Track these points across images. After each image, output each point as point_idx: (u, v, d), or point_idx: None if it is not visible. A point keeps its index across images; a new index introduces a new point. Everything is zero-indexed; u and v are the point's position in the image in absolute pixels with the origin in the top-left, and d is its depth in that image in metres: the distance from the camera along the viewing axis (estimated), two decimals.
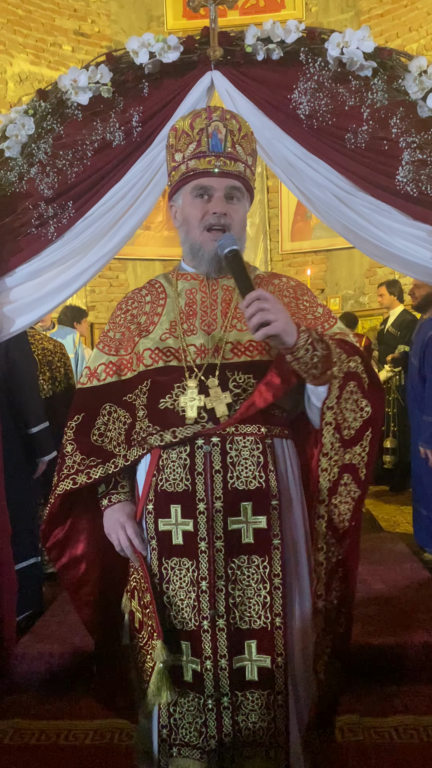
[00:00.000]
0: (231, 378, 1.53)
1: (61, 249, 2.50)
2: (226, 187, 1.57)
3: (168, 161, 1.69)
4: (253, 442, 1.50)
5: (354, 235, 2.50)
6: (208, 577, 1.46)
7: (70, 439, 1.61)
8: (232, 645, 1.46)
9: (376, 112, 2.28)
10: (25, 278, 2.54)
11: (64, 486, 1.57)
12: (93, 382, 1.64)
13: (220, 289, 1.66)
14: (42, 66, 6.79)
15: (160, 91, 2.42)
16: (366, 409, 1.53)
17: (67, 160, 2.42)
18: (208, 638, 1.46)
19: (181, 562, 1.50)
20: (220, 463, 1.48)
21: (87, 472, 1.55)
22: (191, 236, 1.61)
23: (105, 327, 1.73)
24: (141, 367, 1.59)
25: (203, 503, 1.48)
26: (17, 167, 2.42)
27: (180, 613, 1.49)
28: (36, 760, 2.19)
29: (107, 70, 2.36)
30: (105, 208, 2.45)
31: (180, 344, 1.58)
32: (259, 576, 1.48)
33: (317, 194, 2.46)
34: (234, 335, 1.59)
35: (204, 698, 1.46)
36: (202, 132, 1.58)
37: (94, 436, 1.58)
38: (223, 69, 2.40)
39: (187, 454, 1.49)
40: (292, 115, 2.34)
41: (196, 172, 1.58)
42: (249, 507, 1.48)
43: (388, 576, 3.39)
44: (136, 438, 1.55)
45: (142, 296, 1.72)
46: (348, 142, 2.31)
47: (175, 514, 1.50)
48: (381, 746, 2.20)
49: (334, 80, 2.29)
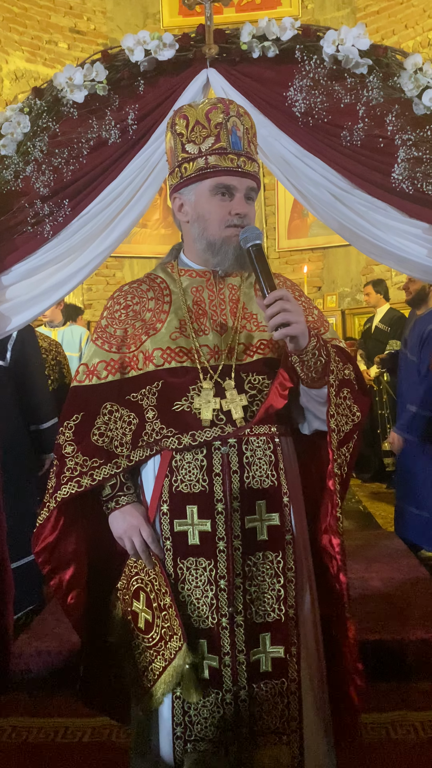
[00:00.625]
0: (246, 379, 1.54)
1: (57, 247, 2.50)
2: (246, 187, 1.56)
3: (174, 150, 1.60)
4: (266, 441, 1.53)
5: (350, 232, 2.50)
6: (227, 575, 1.47)
7: (70, 439, 1.55)
8: (248, 639, 1.48)
9: (372, 110, 2.28)
10: (21, 276, 2.54)
11: (69, 489, 1.51)
12: (93, 380, 1.58)
13: (227, 288, 1.65)
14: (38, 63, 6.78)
15: (156, 88, 2.41)
16: (357, 413, 1.58)
17: (62, 158, 2.41)
18: (226, 635, 1.47)
19: (198, 562, 1.50)
20: (237, 464, 1.49)
21: (90, 474, 1.50)
22: (209, 233, 1.55)
23: (101, 322, 1.66)
24: (150, 366, 1.55)
25: (221, 503, 1.49)
26: (13, 165, 2.41)
27: (196, 611, 1.49)
28: (34, 757, 2.20)
29: (103, 68, 2.36)
30: (101, 206, 2.45)
31: (192, 344, 1.56)
32: (273, 571, 1.51)
33: (313, 192, 2.46)
34: (245, 336, 1.60)
35: (222, 693, 1.47)
36: (221, 127, 1.54)
37: (95, 436, 1.53)
38: (219, 66, 2.40)
39: (203, 455, 1.49)
40: (288, 113, 2.34)
41: (217, 170, 1.53)
42: (263, 505, 1.51)
43: (384, 573, 3.40)
44: (147, 440, 1.51)
45: (143, 291, 1.66)
46: (344, 139, 2.31)
47: (191, 515, 1.50)
48: (377, 742, 2.21)
49: (329, 78, 2.29)
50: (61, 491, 1.52)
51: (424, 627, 2.75)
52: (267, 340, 1.61)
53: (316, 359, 1.47)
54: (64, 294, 2.66)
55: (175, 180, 1.61)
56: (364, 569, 3.46)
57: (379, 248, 2.47)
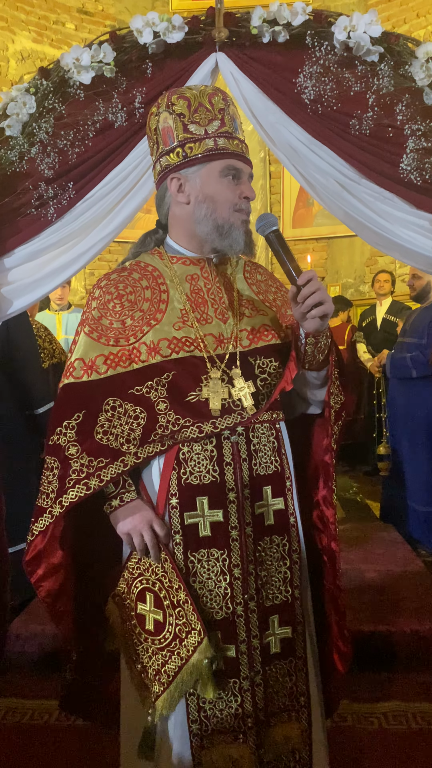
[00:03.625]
0: (255, 364, 1.55)
1: (61, 230, 2.48)
2: (248, 173, 1.58)
3: (174, 130, 1.55)
4: (269, 428, 1.55)
5: (356, 222, 2.48)
6: (241, 563, 1.48)
7: (73, 440, 1.47)
8: (260, 624, 1.50)
9: (382, 99, 2.25)
10: (24, 259, 2.52)
11: (77, 493, 1.43)
12: (92, 376, 1.51)
13: (221, 275, 1.64)
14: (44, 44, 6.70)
15: (164, 72, 2.38)
16: (342, 395, 1.65)
17: (68, 140, 2.38)
18: (242, 622, 1.48)
19: (210, 553, 1.48)
20: (246, 452, 1.50)
21: (98, 475, 1.44)
22: (219, 214, 1.52)
23: (92, 313, 1.57)
24: (157, 357, 1.50)
25: (233, 492, 1.48)
26: (17, 146, 2.39)
27: (209, 603, 1.48)
28: (28, 739, 2.22)
29: (110, 49, 2.33)
30: (105, 190, 2.43)
31: (196, 333, 1.54)
32: (279, 554, 1.54)
33: (320, 180, 2.44)
34: (246, 322, 1.60)
35: (240, 681, 1.48)
36: (223, 112, 1.55)
37: (98, 434, 1.46)
38: (228, 51, 2.36)
39: (213, 445, 1.48)
40: (297, 100, 2.31)
41: (227, 152, 1.53)
42: (269, 490, 1.53)
43: (380, 564, 3.42)
44: (161, 432, 1.46)
45: (136, 280, 1.60)
46: (352, 128, 2.28)
47: (202, 506, 1.48)
48: (370, 732, 2.23)
49: (340, 65, 2.26)
50: (68, 495, 1.44)
51: (418, 619, 2.77)
52: (269, 325, 1.62)
53: (327, 339, 1.52)
54: (67, 278, 2.65)
55: (176, 159, 1.55)
56: (361, 560, 3.47)
57: (384, 239, 2.46)
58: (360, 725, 2.26)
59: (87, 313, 1.59)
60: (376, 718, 2.31)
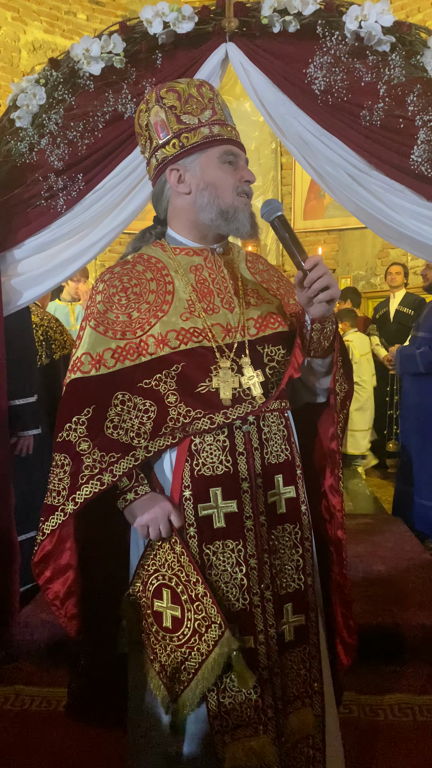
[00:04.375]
0: (264, 353, 1.55)
1: (71, 222, 2.49)
2: (245, 158, 1.59)
3: (166, 122, 1.55)
4: (278, 416, 1.55)
5: (366, 214, 2.47)
6: (256, 553, 1.48)
7: (84, 435, 1.45)
8: (276, 612, 1.50)
9: (393, 89, 2.24)
10: (34, 251, 2.53)
11: (91, 489, 1.42)
12: (100, 370, 1.49)
13: (225, 265, 1.64)
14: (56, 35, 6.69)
15: (174, 62, 2.38)
16: (346, 383, 1.64)
17: (78, 131, 2.39)
18: (259, 612, 1.48)
19: (225, 544, 1.47)
20: (257, 441, 1.50)
21: (110, 470, 1.42)
22: (222, 200, 1.52)
23: (97, 307, 1.55)
24: (166, 349, 1.48)
25: (246, 482, 1.48)
26: (27, 138, 2.40)
27: (226, 595, 1.47)
28: (36, 725, 2.24)
29: (120, 40, 2.32)
30: (115, 181, 2.43)
31: (204, 324, 1.53)
32: (292, 542, 1.54)
33: (330, 172, 2.43)
34: (252, 311, 1.59)
35: (259, 671, 1.46)
36: (213, 101, 1.56)
37: (109, 429, 1.45)
38: (238, 41, 2.36)
39: (225, 436, 1.48)
40: (307, 91, 2.30)
41: (223, 138, 1.54)
42: (280, 479, 1.53)
43: (388, 557, 3.41)
44: (172, 425, 1.45)
45: (140, 273, 1.58)
46: (363, 119, 2.27)
47: (216, 498, 1.48)
48: (376, 723, 2.23)
49: (350, 55, 2.25)
50: (82, 492, 1.42)
51: (425, 612, 2.76)
52: (275, 313, 1.62)
53: (332, 325, 1.53)
54: (77, 269, 2.65)
55: (173, 150, 1.55)
56: (369, 553, 3.46)
57: (395, 231, 2.44)
58: (366, 717, 2.27)
59: (92, 307, 1.57)
60: (382, 710, 2.31)
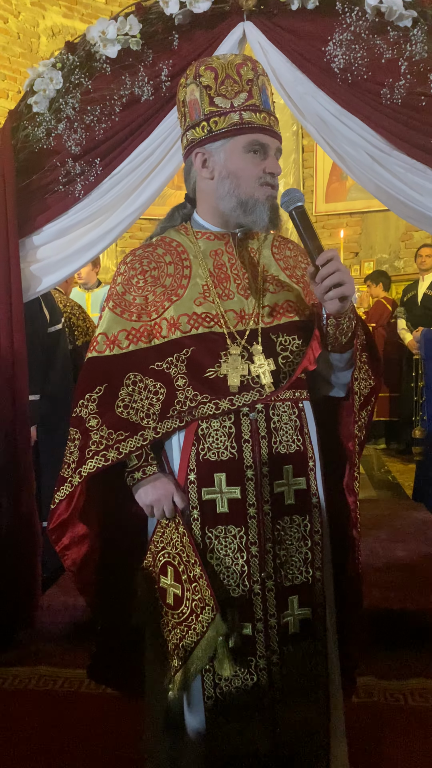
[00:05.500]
0: (277, 341, 1.53)
1: (89, 207, 2.49)
2: (276, 148, 1.53)
3: (200, 103, 1.52)
4: (291, 406, 1.52)
5: (387, 195, 2.43)
6: (258, 541, 1.47)
7: (93, 412, 1.49)
8: (279, 603, 1.49)
9: (415, 66, 2.19)
10: (53, 237, 2.54)
11: (95, 463, 1.46)
12: (114, 350, 1.53)
13: (246, 251, 1.62)
14: (75, 19, 6.65)
15: (191, 43, 2.35)
16: (372, 378, 1.60)
17: (95, 115, 2.38)
18: (259, 601, 1.48)
19: (227, 530, 1.48)
20: (265, 430, 1.49)
21: (117, 447, 1.46)
22: (243, 190, 1.50)
23: (116, 288, 1.58)
24: (177, 333, 1.50)
25: (251, 470, 1.48)
26: (45, 123, 2.39)
27: (226, 580, 1.48)
28: (58, 705, 2.28)
29: (136, 21, 2.30)
30: (132, 165, 2.42)
31: (217, 309, 1.52)
32: (300, 534, 1.52)
33: (350, 152, 2.39)
34: (269, 298, 1.57)
35: (256, 659, 1.48)
36: (252, 83, 1.50)
37: (119, 408, 1.48)
38: (256, 20, 2.32)
39: (231, 422, 1.48)
40: (326, 69, 2.26)
41: (252, 126, 1.49)
42: (290, 470, 1.51)
43: (410, 543, 3.39)
44: (179, 408, 1.47)
45: (160, 256, 1.59)
46: (383, 97, 2.22)
47: (220, 483, 1.48)
48: (395, 708, 2.23)
49: (371, 31, 2.20)
50: (87, 465, 1.47)
51: None
52: (293, 302, 1.59)
53: (350, 321, 1.48)
54: (95, 254, 2.66)
55: (201, 134, 1.53)
56: (390, 539, 3.45)
57: (416, 212, 2.40)
58: (387, 702, 2.27)
59: (112, 288, 1.60)
60: (402, 696, 2.31)
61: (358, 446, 1.56)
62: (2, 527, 2.64)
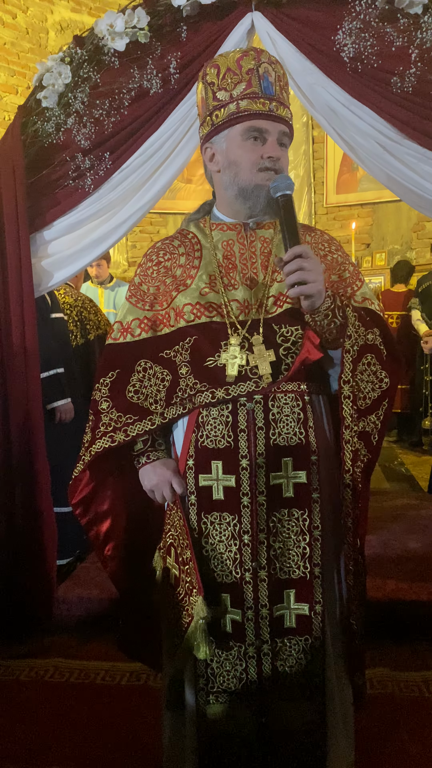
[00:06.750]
0: (279, 332, 1.52)
1: (99, 201, 2.49)
2: (279, 131, 1.53)
3: (206, 100, 1.57)
4: (294, 399, 1.51)
5: (398, 185, 2.41)
6: (251, 530, 1.49)
7: (105, 396, 1.58)
8: (272, 594, 1.50)
9: (426, 53, 2.16)
10: (63, 231, 2.55)
11: (102, 444, 1.55)
12: (127, 338, 1.60)
13: (258, 241, 1.61)
14: (83, 13, 6.64)
15: (199, 35, 2.34)
16: (385, 380, 1.55)
17: (104, 109, 2.38)
18: (249, 589, 1.50)
19: (222, 517, 1.51)
20: (262, 420, 1.49)
21: (124, 430, 1.53)
22: (241, 178, 1.52)
23: (135, 279, 1.66)
24: (181, 322, 1.55)
25: (246, 459, 1.49)
26: (54, 117, 2.40)
27: (220, 566, 1.51)
28: (74, 697, 2.30)
29: (144, 14, 2.29)
30: (142, 159, 2.42)
31: (221, 299, 1.54)
32: (298, 528, 1.52)
33: (360, 142, 2.36)
34: (276, 288, 1.56)
35: (245, 646, 1.50)
36: (252, 72, 1.51)
37: (130, 393, 1.56)
38: (264, 10, 2.30)
39: (229, 411, 1.49)
40: (336, 58, 2.24)
41: (249, 113, 1.50)
42: (290, 462, 1.50)
43: (424, 535, 3.38)
44: (181, 395, 1.52)
45: (175, 247, 1.64)
46: (394, 86, 2.20)
47: (216, 470, 1.51)
48: (410, 699, 2.23)
49: (381, 19, 2.17)
50: (95, 445, 1.56)
51: None
52: None
53: (330, 321, 1.45)
54: (106, 248, 2.66)
55: (207, 129, 1.58)
56: (404, 531, 3.44)
57: (429, 202, 2.38)
58: (401, 693, 2.27)
59: (133, 278, 1.68)
60: (417, 687, 2.31)
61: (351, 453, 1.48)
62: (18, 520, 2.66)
